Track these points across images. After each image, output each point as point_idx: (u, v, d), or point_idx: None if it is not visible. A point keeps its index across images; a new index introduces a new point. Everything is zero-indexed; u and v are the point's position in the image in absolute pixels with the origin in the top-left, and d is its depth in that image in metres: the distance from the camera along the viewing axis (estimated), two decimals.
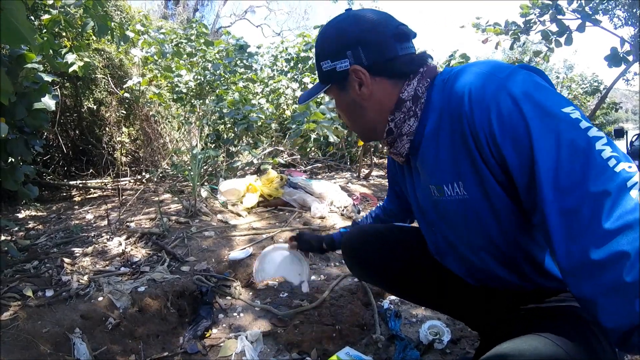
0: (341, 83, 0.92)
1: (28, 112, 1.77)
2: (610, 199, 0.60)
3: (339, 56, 0.89)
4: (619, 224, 0.59)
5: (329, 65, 0.91)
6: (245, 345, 1.54)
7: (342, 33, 0.89)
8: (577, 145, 0.64)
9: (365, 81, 0.88)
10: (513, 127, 0.69)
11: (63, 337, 1.43)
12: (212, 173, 4.16)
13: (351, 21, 0.90)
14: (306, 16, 22.41)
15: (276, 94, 5.81)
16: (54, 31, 2.90)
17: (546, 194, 0.65)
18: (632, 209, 0.59)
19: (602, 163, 0.62)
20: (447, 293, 1.14)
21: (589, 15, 4.12)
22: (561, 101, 0.69)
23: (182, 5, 15.99)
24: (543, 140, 0.66)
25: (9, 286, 1.71)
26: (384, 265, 1.25)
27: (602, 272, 0.60)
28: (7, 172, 1.83)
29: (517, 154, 0.70)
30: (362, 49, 0.87)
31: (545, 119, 0.67)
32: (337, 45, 0.89)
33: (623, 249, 0.58)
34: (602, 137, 0.65)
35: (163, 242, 2.33)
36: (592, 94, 11.38)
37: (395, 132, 0.91)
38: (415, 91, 0.87)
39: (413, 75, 0.88)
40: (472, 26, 5.23)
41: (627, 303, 0.58)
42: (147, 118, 5.30)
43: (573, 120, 0.66)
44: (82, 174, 4.78)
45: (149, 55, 4.61)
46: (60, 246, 2.32)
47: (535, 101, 0.69)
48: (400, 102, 0.88)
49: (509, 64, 0.79)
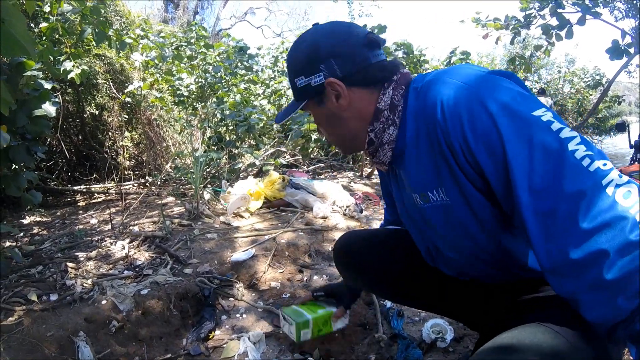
0: (318, 97, 0.91)
1: (29, 119, 1.78)
2: (586, 199, 0.61)
3: (312, 71, 0.88)
4: (596, 222, 0.60)
5: (304, 82, 0.90)
6: (248, 346, 1.55)
7: (313, 48, 0.89)
8: (550, 147, 0.65)
9: (342, 92, 0.88)
10: (485, 134, 0.70)
11: (67, 340, 1.44)
12: (214, 175, 4.17)
13: (320, 35, 0.90)
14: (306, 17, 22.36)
15: (277, 94, 5.82)
16: (53, 38, 2.92)
17: (522, 197, 0.66)
18: (608, 207, 0.59)
19: (575, 163, 0.63)
20: (444, 295, 1.14)
21: (589, 8, 4.09)
22: (532, 105, 0.70)
23: (182, 8, 16.05)
24: (515, 145, 0.67)
25: (14, 291, 1.73)
26: (378, 269, 1.23)
27: (582, 270, 0.61)
28: (10, 179, 1.85)
29: (491, 160, 0.71)
30: (334, 61, 0.87)
31: (516, 124, 0.68)
32: (309, 61, 0.89)
33: (602, 247, 0.59)
34: (575, 137, 0.66)
35: (166, 244, 2.34)
36: (595, 88, 11.31)
37: (376, 142, 0.91)
38: (391, 99, 0.87)
39: (387, 84, 0.88)
40: (471, 21, 5.21)
41: (609, 300, 0.59)
42: (149, 122, 5.32)
43: (544, 123, 0.67)
44: (86, 179, 4.80)
45: (149, 60, 4.63)
46: (65, 251, 2.34)
47: (506, 107, 0.70)
48: (377, 112, 0.88)
49: (480, 70, 0.79)
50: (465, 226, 0.85)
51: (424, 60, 6.33)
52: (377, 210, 3.40)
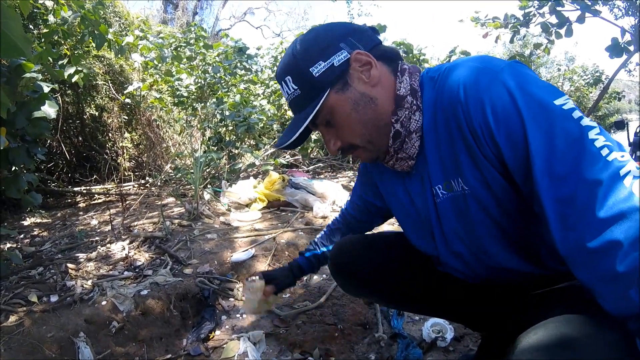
0: (341, 81, 0.82)
1: (28, 121, 1.79)
2: (604, 188, 0.61)
3: (333, 51, 0.81)
4: (613, 212, 0.59)
5: (324, 66, 0.80)
6: (248, 346, 1.55)
7: (327, 32, 0.84)
8: (570, 135, 0.65)
9: (372, 61, 0.81)
10: (507, 118, 0.70)
11: (67, 341, 1.45)
12: (214, 176, 4.17)
13: (326, 27, 0.86)
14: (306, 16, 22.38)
15: (277, 94, 5.82)
16: (53, 40, 2.92)
17: (541, 183, 0.66)
18: (625, 197, 0.59)
19: (595, 152, 0.63)
20: (445, 298, 1.12)
21: (588, 6, 4.08)
22: (554, 92, 0.70)
23: (181, 9, 16.05)
24: (537, 131, 0.67)
25: (15, 292, 1.73)
26: (378, 278, 1.18)
27: (596, 260, 0.61)
28: (10, 181, 1.85)
29: (511, 144, 0.70)
30: (353, 38, 0.82)
31: (538, 110, 0.68)
32: (326, 42, 0.82)
33: (616, 237, 0.58)
34: (595, 127, 0.66)
35: (166, 245, 2.35)
36: (594, 85, 11.30)
37: (403, 133, 0.84)
38: (411, 85, 0.83)
39: (401, 72, 0.85)
40: (471, 20, 5.21)
41: (623, 292, 0.59)
42: (149, 123, 5.32)
43: (566, 111, 0.67)
44: (86, 180, 4.81)
45: (148, 61, 4.64)
46: (65, 252, 2.34)
47: (528, 93, 0.69)
48: (399, 99, 0.82)
49: (501, 59, 0.78)
50: (489, 213, 0.82)
51: (424, 59, 6.32)
52: None
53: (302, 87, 0.83)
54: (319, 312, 1.81)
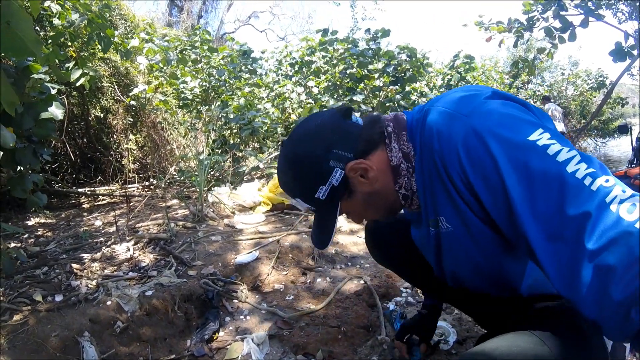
0: (347, 192, 0.87)
1: (35, 122, 1.80)
2: (591, 219, 0.60)
3: (327, 173, 0.84)
4: (602, 242, 0.59)
5: (326, 189, 0.85)
6: (252, 348, 1.55)
7: (309, 157, 0.85)
8: (549, 172, 0.64)
9: (368, 165, 0.84)
10: (482, 166, 0.70)
11: (72, 340, 1.45)
12: (218, 178, 4.18)
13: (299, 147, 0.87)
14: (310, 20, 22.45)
15: (281, 98, 5.84)
16: (59, 42, 2.95)
17: (528, 226, 0.65)
18: (612, 223, 0.59)
19: (577, 184, 0.62)
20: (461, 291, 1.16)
21: (592, 10, 4.08)
22: (527, 128, 0.69)
23: (187, 12, 16.14)
24: (513, 175, 0.67)
25: (19, 291, 1.74)
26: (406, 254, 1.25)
27: (594, 292, 0.60)
28: (16, 181, 1.87)
29: (489, 191, 0.71)
30: (338, 150, 0.83)
31: (512, 153, 0.68)
32: (315, 170, 0.84)
33: (609, 263, 0.58)
34: (574, 157, 0.65)
35: (170, 247, 2.35)
36: (598, 90, 11.27)
37: (409, 195, 0.89)
38: (401, 151, 0.86)
39: (388, 140, 0.86)
40: (474, 24, 5.21)
41: (623, 315, 0.58)
42: (154, 125, 5.35)
43: (541, 148, 0.67)
44: (91, 181, 4.82)
45: (154, 63, 4.67)
46: (70, 252, 2.35)
47: (500, 136, 0.69)
48: (395, 169, 0.86)
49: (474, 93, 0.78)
50: (467, 251, 0.86)
51: (427, 63, 6.33)
52: None
53: (315, 206, 0.90)
54: (323, 315, 1.81)
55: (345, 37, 5.80)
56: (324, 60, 5.87)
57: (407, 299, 1.98)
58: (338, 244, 2.55)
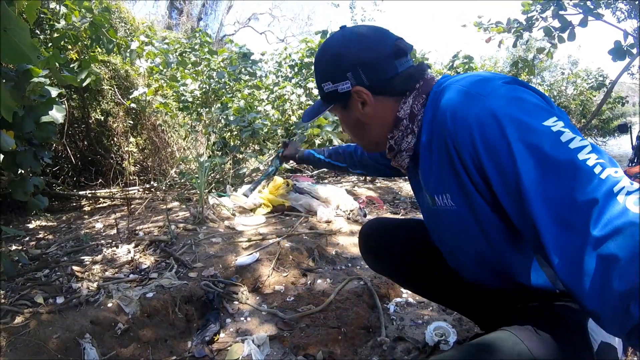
0: (344, 103, 0.93)
1: (36, 125, 1.81)
2: (598, 206, 0.60)
3: (339, 78, 0.89)
4: (607, 230, 0.59)
5: (331, 87, 0.92)
6: (252, 349, 1.56)
7: (340, 55, 0.89)
8: (561, 158, 0.65)
9: (369, 101, 0.89)
10: (495, 147, 0.71)
11: (73, 342, 1.46)
12: (219, 180, 4.19)
13: (347, 41, 0.90)
14: (309, 22, 22.45)
15: (281, 100, 5.84)
16: (60, 45, 2.96)
17: (537, 210, 0.66)
18: (619, 213, 0.59)
19: (588, 171, 0.63)
20: (460, 291, 1.15)
21: (590, 9, 4.09)
22: (543, 114, 0.70)
23: (186, 14, 16.17)
24: (526, 158, 0.67)
25: (21, 294, 1.75)
26: (401, 263, 1.28)
27: (596, 281, 0.60)
28: (17, 184, 1.88)
29: (500, 173, 0.71)
30: (361, 70, 0.87)
31: (526, 136, 0.68)
32: (336, 68, 0.90)
33: (613, 253, 0.58)
34: (586, 146, 0.66)
35: (171, 249, 2.36)
36: (598, 89, 11.25)
37: (396, 149, 0.94)
38: (411, 109, 0.89)
39: (409, 92, 0.89)
40: (474, 25, 5.22)
41: (623, 309, 0.58)
42: (154, 127, 5.36)
43: (555, 134, 0.67)
44: (92, 184, 4.83)
45: (154, 66, 4.68)
46: (71, 255, 2.36)
47: (516, 119, 0.70)
48: (397, 120, 0.90)
49: (493, 76, 0.79)
50: (469, 234, 0.86)
51: (427, 64, 6.32)
52: (380, 214, 3.40)
53: (319, 90, 0.97)
54: (323, 316, 1.81)
55: None
56: None
57: (407, 299, 1.98)
58: (338, 245, 2.55)
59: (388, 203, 3.88)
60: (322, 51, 0.94)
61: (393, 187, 4.58)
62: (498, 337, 0.76)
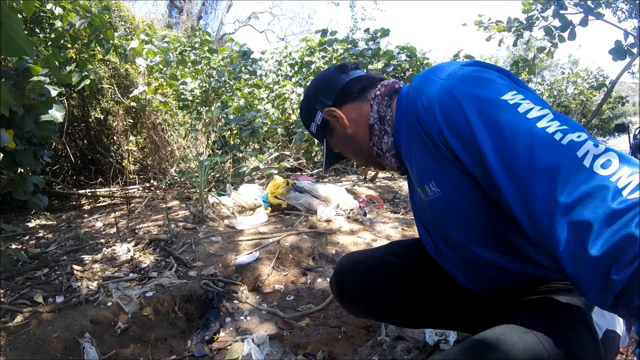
0: (328, 130, 1.05)
1: (36, 124, 1.80)
2: (562, 172, 0.60)
3: (313, 114, 1.05)
4: (576, 195, 0.58)
5: (314, 125, 1.06)
6: (252, 348, 1.56)
7: (306, 99, 1.07)
8: (518, 127, 0.66)
9: (338, 114, 0.99)
10: (456, 123, 0.73)
11: (73, 341, 1.46)
12: (219, 179, 4.19)
13: (307, 91, 1.08)
14: (310, 21, 22.39)
15: (281, 98, 5.84)
16: (59, 44, 2.95)
17: (500, 180, 0.67)
18: (586, 177, 0.58)
19: (547, 137, 0.63)
20: (450, 304, 1.12)
21: (591, 9, 4.08)
22: (500, 89, 0.72)
23: (186, 13, 16.15)
24: (484, 130, 0.69)
25: (20, 293, 1.75)
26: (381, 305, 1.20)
27: (570, 247, 0.59)
28: (17, 183, 1.87)
29: (465, 149, 0.73)
30: (321, 96, 1.02)
31: (482, 109, 0.70)
32: (307, 109, 1.06)
33: (585, 218, 0.56)
34: (546, 115, 0.66)
35: (171, 248, 2.36)
36: (598, 89, 11.24)
37: (381, 153, 1.00)
38: (378, 113, 0.96)
39: (372, 100, 0.97)
40: (474, 24, 5.21)
41: (602, 275, 0.56)
42: (154, 126, 5.35)
43: (511, 106, 0.69)
44: (91, 182, 4.83)
45: (154, 65, 4.67)
46: (70, 254, 2.36)
47: (472, 94, 0.73)
48: (370, 127, 0.98)
49: (459, 65, 0.82)
50: (463, 216, 0.86)
51: (427, 63, 6.33)
52: (380, 213, 3.40)
53: (313, 135, 1.11)
54: (323, 315, 1.81)
55: (345, 38, 5.81)
56: (323, 60, 5.88)
57: None
58: (338, 244, 2.55)
59: (388, 202, 3.88)
60: (300, 108, 1.12)
61: (393, 186, 4.58)
62: (501, 331, 0.74)
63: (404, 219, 3.19)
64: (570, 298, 0.82)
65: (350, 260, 1.26)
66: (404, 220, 3.13)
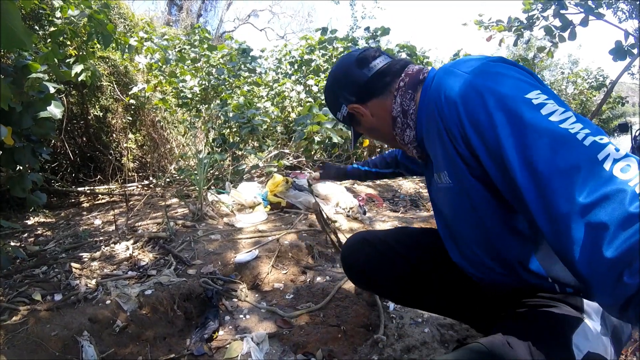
0: (354, 121, 1.09)
1: (34, 121, 1.79)
2: (582, 173, 0.60)
3: (338, 107, 1.09)
4: (595, 196, 0.58)
5: (340, 115, 1.10)
6: (251, 347, 1.55)
7: (328, 92, 1.11)
8: (541, 126, 0.66)
9: (362, 111, 1.03)
10: (479, 120, 0.73)
11: (71, 340, 1.45)
12: (218, 177, 4.18)
13: (330, 80, 1.10)
14: (309, 19, 22.39)
15: (281, 96, 5.83)
16: (59, 40, 2.94)
17: (520, 178, 0.67)
18: (605, 180, 0.58)
19: (570, 138, 0.63)
20: (453, 297, 1.16)
21: (592, 9, 4.07)
22: (524, 87, 0.72)
23: (186, 11, 16.11)
24: (507, 127, 0.69)
25: (19, 291, 1.74)
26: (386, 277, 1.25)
27: (585, 248, 0.59)
28: (15, 180, 1.86)
29: (485, 145, 0.73)
30: (344, 92, 1.04)
31: (506, 107, 0.70)
32: (332, 99, 1.10)
33: (602, 220, 0.57)
34: (570, 117, 0.66)
35: (170, 245, 2.35)
36: (598, 89, 11.25)
37: (403, 144, 1.02)
38: (401, 107, 0.96)
39: (396, 92, 0.97)
40: (474, 23, 5.20)
41: (614, 278, 0.56)
42: (153, 124, 5.33)
43: (535, 105, 0.68)
44: (90, 180, 4.81)
45: (153, 62, 4.65)
46: (69, 251, 2.35)
47: (497, 92, 0.72)
48: (394, 120, 0.99)
49: (482, 59, 0.82)
50: (465, 211, 0.88)
51: (427, 62, 6.32)
52: (379, 211, 3.40)
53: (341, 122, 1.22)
54: (322, 314, 1.81)
55: (345, 36, 5.80)
56: (323, 58, 5.87)
57: None
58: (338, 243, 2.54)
59: (387, 201, 3.87)
60: (325, 93, 1.15)
61: (392, 184, 4.58)
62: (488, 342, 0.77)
63: (403, 217, 3.19)
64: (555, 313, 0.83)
65: (360, 241, 1.34)
66: (404, 218, 3.13)
